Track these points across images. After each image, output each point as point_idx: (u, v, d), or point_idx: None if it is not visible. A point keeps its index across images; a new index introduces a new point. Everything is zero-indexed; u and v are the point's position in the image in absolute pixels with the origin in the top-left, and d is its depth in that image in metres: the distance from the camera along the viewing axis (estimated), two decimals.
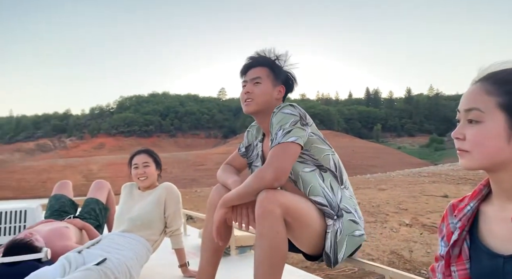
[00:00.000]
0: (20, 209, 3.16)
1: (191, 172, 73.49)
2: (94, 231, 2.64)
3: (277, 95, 1.58)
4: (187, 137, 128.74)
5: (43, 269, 1.77)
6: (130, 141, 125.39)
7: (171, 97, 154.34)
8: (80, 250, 1.96)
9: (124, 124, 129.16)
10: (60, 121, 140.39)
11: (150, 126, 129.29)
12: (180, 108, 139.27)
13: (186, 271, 2.19)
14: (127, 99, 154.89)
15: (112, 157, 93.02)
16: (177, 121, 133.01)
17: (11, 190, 66.90)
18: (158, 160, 2.33)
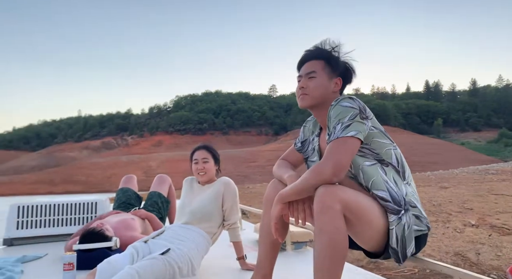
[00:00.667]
0: (91, 201, 3.43)
1: (243, 169, 74.66)
2: (157, 221, 2.80)
3: (334, 88, 1.54)
4: (239, 134, 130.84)
5: (114, 257, 1.90)
6: (185, 138, 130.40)
7: (223, 96, 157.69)
8: (146, 240, 2.09)
9: (180, 123, 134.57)
10: (123, 120, 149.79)
11: (204, 124, 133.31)
12: (232, 106, 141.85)
13: (244, 264, 2.24)
14: (182, 98, 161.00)
15: (170, 154, 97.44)
16: (229, 119, 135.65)
17: (81, 184, 72.83)
18: (217, 156, 2.40)
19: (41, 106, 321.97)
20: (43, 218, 3.26)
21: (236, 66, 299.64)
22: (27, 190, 67.79)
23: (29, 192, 61.30)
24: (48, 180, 77.41)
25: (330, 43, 1.58)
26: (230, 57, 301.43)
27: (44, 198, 3.50)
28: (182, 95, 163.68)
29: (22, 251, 2.79)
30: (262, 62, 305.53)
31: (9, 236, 3.13)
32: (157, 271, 1.78)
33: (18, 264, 2.39)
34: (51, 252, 2.80)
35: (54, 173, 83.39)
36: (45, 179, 78.55)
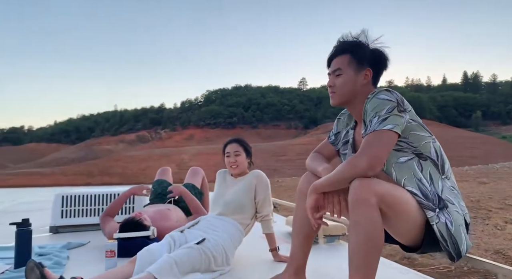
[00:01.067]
0: None
1: (272, 162, 74.74)
2: (191, 196, 2.85)
3: (363, 80, 1.51)
4: (268, 128, 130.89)
5: (153, 245, 1.98)
6: (216, 132, 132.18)
7: (253, 89, 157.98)
8: (182, 230, 2.16)
9: (211, 117, 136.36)
10: (156, 114, 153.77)
11: (233, 118, 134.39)
12: (262, 99, 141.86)
13: (277, 256, 2.27)
14: (213, 92, 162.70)
15: (201, 147, 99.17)
16: (258, 113, 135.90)
17: (117, 176, 75.81)
18: (249, 149, 2.43)
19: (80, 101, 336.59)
20: (85, 208, 3.44)
21: (265, 60, 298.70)
22: (67, 181, 71.39)
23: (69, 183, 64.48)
24: (86, 172, 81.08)
25: (353, 34, 1.55)
26: (260, 51, 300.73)
27: (86, 189, 3.68)
28: (212, 89, 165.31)
29: (67, 238, 2.96)
30: (292, 56, 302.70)
31: (55, 224, 3.33)
32: (193, 259, 1.84)
33: (64, 250, 2.54)
34: (92, 239, 2.95)
35: (92, 165, 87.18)
36: (83, 170, 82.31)
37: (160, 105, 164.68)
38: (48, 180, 73.27)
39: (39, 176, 78.48)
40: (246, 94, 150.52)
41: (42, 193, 23.74)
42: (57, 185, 61.65)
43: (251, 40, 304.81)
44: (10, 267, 2.12)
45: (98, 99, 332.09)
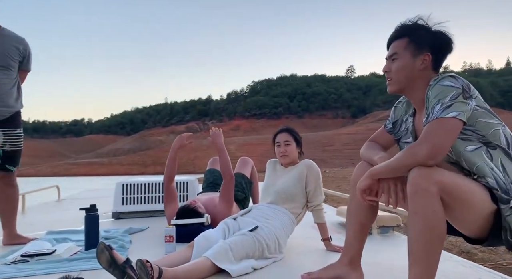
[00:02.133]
0: (183, 181, 3.73)
1: (318, 153, 73.77)
2: (227, 154, 2.84)
3: (421, 65, 1.43)
4: (314, 118, 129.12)
5: (209, 231, 2.07)
6: (261, 122, 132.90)
7: (298, 79, 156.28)
8: (235, 217, 2.23)
9: (256, 107, 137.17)
10: (204, 106, 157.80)
11: (279, 108, 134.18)
12: (307, 89, 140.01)
13: (329, 245, 2.26)
14: (258, 83, 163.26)
15: (247, 138, 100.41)
16: (304, 103, 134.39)
17: None
18: (299, 138, 2.43)
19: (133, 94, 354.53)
20: (143, 195, 3.65)
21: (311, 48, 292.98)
22: (123, 170, 75.87)
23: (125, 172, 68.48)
24: (140, 162, 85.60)
25: (412, 18, 1.47)
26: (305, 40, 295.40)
27: (143, 177, 3.90)
28: (257, 80, 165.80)
29: (128, 224, 3.17)
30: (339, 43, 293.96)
31: (117, 210, 3.58)
32: (247, 246, 1.89)
33: (127, 235, 2.73)
34: (151, 225, 3.13)
35: (145, 156, 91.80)
36: (138, 160, 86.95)
37: (208, 97, 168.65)
38: (106, 169, 78.32)
39: (98, 165, 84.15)
40: (291, 84, 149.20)
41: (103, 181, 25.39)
42: (114, 174, 65.75)
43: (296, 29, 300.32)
44: (81, 249, 2.31)
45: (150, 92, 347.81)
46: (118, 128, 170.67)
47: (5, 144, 2.46)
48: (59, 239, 2.59)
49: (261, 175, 3.60)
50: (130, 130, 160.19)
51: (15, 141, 2.52)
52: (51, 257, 2.12)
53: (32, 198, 5.26)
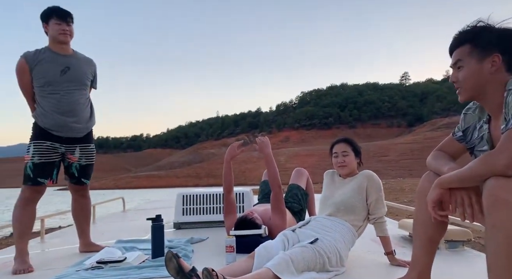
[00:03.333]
0: (238, 192, 3.80)
1: (373, 163, 70.97)
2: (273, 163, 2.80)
3: (491, 68, 1.33)
4: (367, 127, 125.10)
5: (269, 243, 2.08)
6: (311, 133, 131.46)
7: (349, 88, 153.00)
8: (293, 229, 2.23)
9: (306, 118, 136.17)
10: (253, 118, 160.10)
11: (329, 119, 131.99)
12: (359, 98, 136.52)
13: (394, 260, 2.17)
14: (307, 94, 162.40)
15: (297, 149, 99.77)
16: (356, 112, 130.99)
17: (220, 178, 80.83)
18: (358, 148, 2.38)
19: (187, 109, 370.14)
20: (202, 206, 3.77)
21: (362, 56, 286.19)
22: (179, 182, 78.83)
23: (181, 184, 71.06)
24: (194, 174, 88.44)
25: (471, 23, 1.39)
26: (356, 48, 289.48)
27: (202, 189, 4.04)
28: (306, 91, 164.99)
29: (189, 234, 3.29)
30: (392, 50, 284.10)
31: (178, 221, 3.73)
32: (308, 258, 1.88)
33: (189, 244, 2.83)
34: (211, 236, 3.22)
35: (199, 168, 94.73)
36: (192, 173, 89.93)
37: (257, 110, 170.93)
38: (163, 182, 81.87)
39: (156, 178, 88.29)
40: (342, 94, 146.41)
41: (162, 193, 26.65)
42: (171, 186, 68.52)
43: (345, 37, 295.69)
44: (149, 257, 2.45)
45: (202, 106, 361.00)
46: (174, 142, 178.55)
47: (81, 159, 2.70)
48: (128, 247, 2.76)
49: (314, 187, 3.56)
50: (185, 144, 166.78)
51: (89, 156, 2.75)
52: (122, 265, 2.27)
53: (100, 209, 5.66)
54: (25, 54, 2.54)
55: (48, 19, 2.57)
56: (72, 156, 2.65)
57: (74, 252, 2.80)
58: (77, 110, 2.61)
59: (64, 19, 2.58)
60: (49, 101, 2.53)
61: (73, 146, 2.64)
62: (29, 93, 2.59)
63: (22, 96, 2.62)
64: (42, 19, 2.60)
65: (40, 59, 2.53)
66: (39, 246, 3.22)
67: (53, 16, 2.56)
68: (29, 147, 2.54)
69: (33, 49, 2.58)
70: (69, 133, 2.59)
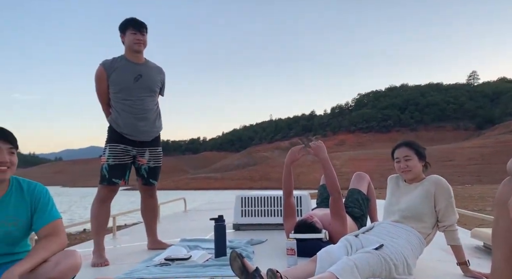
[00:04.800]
0: (297, 195, 3.78)
1: (437, 169, 65.96)
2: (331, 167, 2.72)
3: None
4: (430, 130, 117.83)
5: (331, 247, 2.06)
6: (368, 136, 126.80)
7: (410, 89, 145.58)
8: (356, 235, 2.17)
9: (363, 121, 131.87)
10: (307, 121, 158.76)
11: (388, 121, 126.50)
12: (421, 99, 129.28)
13: (468, 271, 2.03)
14: (364, 96, 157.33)
15: (353, 153, 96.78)
16: (417, 114, 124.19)
17: (274, 181, 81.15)
18: (421, 151, 2.26)
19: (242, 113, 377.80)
20: (260, 208, 3.82)
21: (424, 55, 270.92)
22: (234, 185, 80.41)
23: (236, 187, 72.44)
24: (249, 177, 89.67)
25: None
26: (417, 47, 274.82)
27: (260, 191, 4.09)
28: (364, 92, 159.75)
29: (248, 235, 3.35)
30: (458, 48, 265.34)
31: (237, 222, 3.82)
32: (373, 265, 1.83)
33: (249, 246, 2.89)
34: (269, 238, 3.25)
35: (253, 171, 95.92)
36: (246, 176, 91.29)
37: (311, 112, 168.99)
38: (219, 184, 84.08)
39: (212, 180, 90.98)
40: (402, 95, 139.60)
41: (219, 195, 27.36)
42: (226, 188, 70.21)
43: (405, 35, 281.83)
44: (212, 256, 2.54)
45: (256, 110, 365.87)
46: (228, 145, 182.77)
47: (150, 161, 2.88)
48: (192, 246, 2.88)
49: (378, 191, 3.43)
50: (239, 147, 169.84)
51: (157, 158, 2.93)
52: (188, 262, 2.38)
53: (163, 208, 5.97)
54: (103, 62, 2.77)
55: (125, 30, 2.78)
56: (142, 158, 2.84)
57: (143, 249, 2.99)
58: (147, 115, 2.80)
59: (139, 30, 2.78)
60: (122, 107, 2.74)
61: (143, 149, 2.83)
62: (104, 100, 2.82)
63: (96, 101, 2.86)
64: (120, 29, 2.82)
65: (116, 67, 2.74)
66: (111, 242, 3.49)
67: (129, 27, 2.77)
68: (105, 149, 2.76)
69: (110, 58, 2.81)
70: (140, 137, 2.78)
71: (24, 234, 1.73)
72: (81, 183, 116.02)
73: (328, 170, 2.75)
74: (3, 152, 1.62)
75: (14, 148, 1.66)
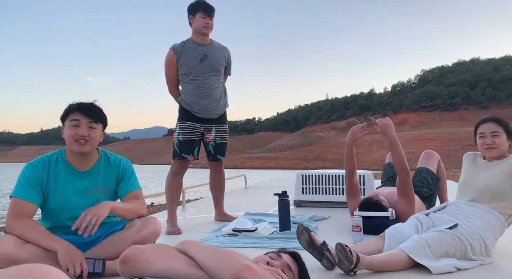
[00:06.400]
0: (360, 174, 3.70)
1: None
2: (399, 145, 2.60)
3: None
4: (504, 108, 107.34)
5: (400, 225, 2.01)
6: (433, 115, 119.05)
7: (482, 63, 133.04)
8: (427, 213, 2.10)
9: (426, 99, 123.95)
10: (366, 100, 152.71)
11: (455, 99, 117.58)
12: (494, 74, 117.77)
13: None
14: (429, 72, 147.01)
15: (415, 133, 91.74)
16: (490, 90, 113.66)
17: (329, 161, 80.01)
18: (510, 129, 2.08)
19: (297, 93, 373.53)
20: (321, 186, 3.82)
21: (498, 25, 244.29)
22: (288, 165, 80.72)
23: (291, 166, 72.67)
24: (303, 157, 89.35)
25: None
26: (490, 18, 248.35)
27: (320, 170, 4.07)
28: (428, 68, 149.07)
29: (310, 212, 3.38)
30: None
31: (298, 199, 3.87)
32: (446, 244, 1.76)
33: (311, 221, 2.92)
34: (332, 215, 3.26)
35: (308, 151, 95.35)
36: (301, 156, 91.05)
37: (370, 91, 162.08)
38: (273, 163, 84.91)
39: (267, 160, 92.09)
40: (472, 70, 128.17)
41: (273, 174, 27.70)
42: (280, 168, 70.73)
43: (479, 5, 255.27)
44: (276, 230, 2.61)
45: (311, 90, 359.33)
46: (283, 125, 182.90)
47: (216, 138, 3.00)
48: (256, 219, 2.99)
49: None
50: (294, 127, 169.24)
51: (223, 135, 3.04)
52: (254, 234, 2.48)
53: None
54: (173, 46, 2.91)
55: (195, 12, 2.86)
56: (209, 135, 2.97)
57: (211, 220, 3.16)
58: (213, 94, 2.90)
59: (209, 14, 2.85)
60: (190, 86, 2.87)
61: (210, 126, 2.95)
62: (173, 82, 2.96)
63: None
64: (189, 11, 2.90)
65: (184, 49, 2.87)
66: (181, 213, 3.73)
67: (199, 10, 2.84)
68: (176, 127, 2.93)
69: (179, 42, 2.92)
70: (206, 115, 2.90)
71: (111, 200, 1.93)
72: (148, 160, 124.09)
73: (396, 149, 2.64)
74: (83, 125, 1.76)
75: (94, 122, 1.78)
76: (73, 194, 1.80)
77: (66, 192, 1.79)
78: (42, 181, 1.75)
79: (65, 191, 1.79)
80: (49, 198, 1.78)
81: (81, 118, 1.75)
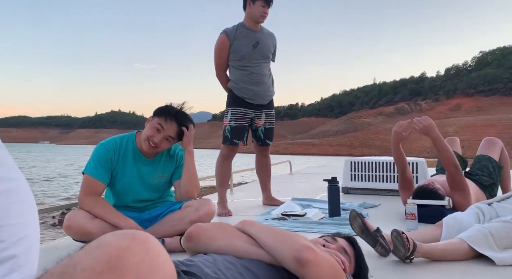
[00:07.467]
0: (413, 162, 3.56)
1: None
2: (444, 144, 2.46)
3: None
4: None
5: (459, 214, 1.92)
6: (491, 100, 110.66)
7: None
8: (490, 203, 1.99)
9: (484, 83, 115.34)
10: (416, 84, 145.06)
11: None
12: None
13: None
14: (488, 54, 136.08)
15: (470, 119, 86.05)
16: None
17: (376, 148, 77.52)
18: None
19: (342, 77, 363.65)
20: (370, 173, 3.73)
21: None
22: (332, 151, 79.45)
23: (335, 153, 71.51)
24: (348, 143, 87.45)
25: None
26: None
27: (368, 157, 3.97)
28: (487, 50, 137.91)
29: (359, 199, 3.33)
30: None
31: (346, 186, 3.81)
32: None
33: (362, 208, 2.88)
34: (383, 203, 3.18)
35: (353, 137, 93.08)
36: (345, 142, 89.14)
37: (421, 75, 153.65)
38: (316, 149, 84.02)
39: (310, 146, 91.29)
40: None
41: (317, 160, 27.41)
42: (324, 154, 69.84)
43: None
44: (326, 215, 2.60)
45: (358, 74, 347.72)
46: (327, 111, 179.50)
47: (266, 123, 3.02)
48: (304, 205, 2.99)
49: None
50: (338, 113, 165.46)
51: (271, 120, 3.06)
52: (303, 219, 2.49)
53: None
54: (226, 31, 2.90)
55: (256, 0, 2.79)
56: (259, 120, 3.00)
57: (258, 204, 3.22)
58: (264, 80, 2.92)
59: (269, 4, 2.83)
60: (242, 73, 2.89)
61: (260, 111, 2.97)
62: (222, 66, 2.97)
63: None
64: None
65: (237, 35, 2.87)
66: (229, 197, 3.81)
67: None
68: (227, 112, 2.97)
69: (230, 26, 2.92)
70: (257, 100, 2.93)
71: (168, 185, 2.07)
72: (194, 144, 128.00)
73: (441, 148, 2.46)
74: (161, 135, 1.86)
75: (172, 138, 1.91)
76: (137, 179, 1.93)
77: (132, 176, 1.93)
78: (112, 162, 1.88)
79: (132, 175, 1.93)
80: (117, 179, 1.92)
81: (165, 128, 1.87)
